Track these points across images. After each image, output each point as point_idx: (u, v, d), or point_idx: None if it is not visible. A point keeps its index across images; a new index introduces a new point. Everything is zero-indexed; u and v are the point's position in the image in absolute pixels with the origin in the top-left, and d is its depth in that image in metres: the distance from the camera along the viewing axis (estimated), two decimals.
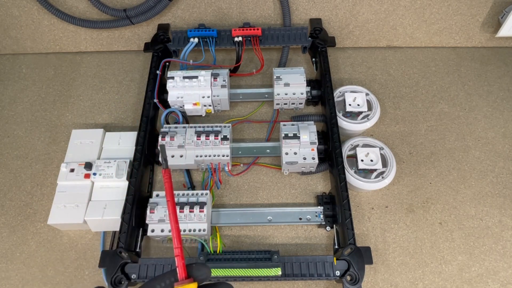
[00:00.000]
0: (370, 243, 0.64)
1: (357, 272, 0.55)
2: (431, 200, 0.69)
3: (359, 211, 0.68)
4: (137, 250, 0.60)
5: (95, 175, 0.65)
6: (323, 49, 0.79)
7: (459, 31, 0.87)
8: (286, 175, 0.71)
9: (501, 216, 0.67)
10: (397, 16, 0.84)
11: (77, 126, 0.79)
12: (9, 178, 0.73)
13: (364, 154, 0.68)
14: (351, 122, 0.71)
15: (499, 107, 0.80)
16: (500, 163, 0.73)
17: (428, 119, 0.78)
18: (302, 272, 0.56)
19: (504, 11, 0.81)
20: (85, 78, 0.86)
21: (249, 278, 0.56)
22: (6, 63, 0.90)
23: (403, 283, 0.61)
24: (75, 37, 0.88)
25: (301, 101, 0.74)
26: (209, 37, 0.79)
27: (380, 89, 0.83)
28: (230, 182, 0.71)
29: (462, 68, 0.86)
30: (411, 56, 0.88)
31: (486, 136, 0.76)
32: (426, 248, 0.64)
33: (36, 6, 0.82)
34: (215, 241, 0.61)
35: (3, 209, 0.69)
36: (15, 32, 0.87)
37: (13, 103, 0.83)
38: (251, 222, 0.64)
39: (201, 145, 0.65)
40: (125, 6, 0.81)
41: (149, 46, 0.82)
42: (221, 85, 0.72)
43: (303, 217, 0.64)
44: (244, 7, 0.83)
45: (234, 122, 0.77)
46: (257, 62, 0.85)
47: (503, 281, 0.61)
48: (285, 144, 0.65)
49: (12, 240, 0.66)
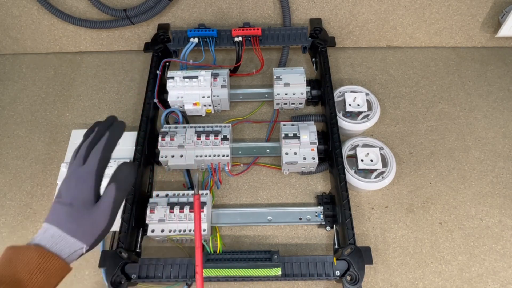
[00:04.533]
0: (370, 243, 0.64)
1: (357, 272, 0.55)
2: (431, 200, 0.69)
3: (359, 211, 0.68)
4: (137, 250, 0.60)
5: None
6: (323, 49, 0.79)
7: (459, 31, 0.87)
8: (286, 175, 0.71)
9: (501, 216, 0.67)
10: (397, 16, 0.84)
11: (77, 126, 0.79)
12: (9, 178, 0.73)
13: (364, 154, 0.68)
14: (351, 122, 0.71)
15: (499, 107, 0.80)
16: (500, 163, 0.73)
17: (428, 119, 0.78)
18: (302, 272, 0.56)
19: (504, 11, 0.81)
20: (85, 78, 0.86)
21: (249, 278, 0.56)
22: (6, 63, 0.90)
23: (403, 283, 0.61)
24: (75, 37, 0.88)
25: (301, 101, 0.74)
26: (209, 37, 0.79)
27: (380, 89, 0.83)
28: (230, 182, 0.71)
29: (462, 68, 0.86)
30: (411, 56, 0.88)
31: (486, 136, 0.76)
32: (426, 248, 0.64)
33: (36, 6, 0.82)
34: (215, 241, 0.61)
35: (3, 209, 0.69)
36: (15, 32, 0.87)
37: (13, 103, 0.83)
38: (251, 222, 0.64)
39: (201, 145, 0.65)
40: (125, 6, 0.81)
41: (149, 46, 0.82)
42: (221, 85, 0.72)
43: (303, 217, 0.64)
44: (244, 7, 0.83)
45: (234, 122, 0.77)
46: (257, 62, 0.86)
47: (503, 281, 0.61)
48: (285, 144, 0.65)
49: (12, 240, 0.66)
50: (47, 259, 0.38)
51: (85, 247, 0.40)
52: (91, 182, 0.41)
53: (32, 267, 0.37)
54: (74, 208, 0.40)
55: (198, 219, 0.53)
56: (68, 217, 0.40)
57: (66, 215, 0.40)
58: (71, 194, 0.41)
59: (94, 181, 0.41)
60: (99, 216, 0.40)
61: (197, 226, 0.53)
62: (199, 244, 0.52)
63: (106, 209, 0.41)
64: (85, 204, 0.40)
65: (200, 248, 0.51)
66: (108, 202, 0.41)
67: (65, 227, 0.39)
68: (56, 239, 0.39)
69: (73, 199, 0.40)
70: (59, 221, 0.40)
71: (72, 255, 0.40)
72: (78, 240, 0.39)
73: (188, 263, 0.57)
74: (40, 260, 0.37)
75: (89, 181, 0.41)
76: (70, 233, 0.39)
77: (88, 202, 0.40)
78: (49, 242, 0.39)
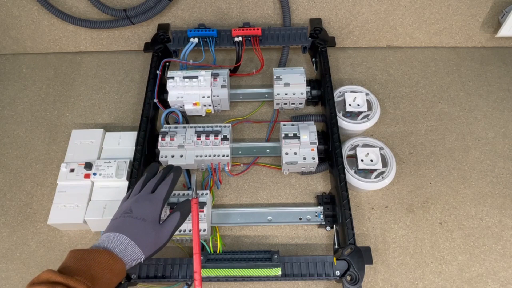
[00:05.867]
0: (370, 243, 0.64)
1: (357, 272, 0.55)
2: (431, 200, 0.69)
3: (359, 211, 0.68)
4: None
5: (95, 175, 0.65)
6: (323, 49, 0.79)
7: (459, 31, 0.87)
8: (286, 175, 0.71)
9: (501, 216, 0.67)
10: (397, 16, 0.84)
11: (77, 126, 0.79)
12: (9, 178, 0.73)
13: (364, 154, 0.68)
14: (351, 122, 0.71)
15: (499, 107, 0.80)
16: (500, 163, 0.73)
17: (428, 119, 0.78)
18: (302, 272, 0.56)
19: (504, 11, 0.81)
20: (85, 78, 0.86)
21: (249, 278, 0.56)
22: (6, 63, 0.90)
23: (403, 283, 0.61)
24: (75, 37, 0.88)
25: (301, 101, 0.74)
26: (209, 37, 0.79)
27: (380, 89, 0.83)
28: (230, 182, 0.71)
29: (462, 68, 0.86)
30: (411, 56, 0.88)
31: (486, 136, 0.76)
32: (426, 248, 0.64)
33: (36, 6, 0.82)
34: (215, 241, 0.61)
35: (3, 209, 0.69)
36: (15, 32, 0.87)
37: (13, 103, 0.83)
38: (251, 222, 0.64)
39: (201, 145, 0.65)
40: (125, 6, 0.81)
41: (149, 46, 0.82)
42: (221, 85, 0.72)
43: (303, 217, 0.64)
44: (244, 7, 0.83)
45: (234, 122, 0.77)
46: (257, 62, 0.86)
47: (503, 281, 0.61)
48: (285, 144, 0.65)
49: (12, 240, 0.66)
50: (115, 261, 0.44)
51: (143, 257, 0.47)
52: (159, 206, 0.51)
53: (103, 266, 0.42)
54: (147, 223, 0.48)
55: (196, 223, 0.52)
56: (138, 230, 0.47)
57: (137, 227, 0.47)
58: (144, 212, 0.49)
59: (161, 206, 0.51)
60: (162, 234, 0.49)
61: (195, 231, 0.51)
62: (197, 250, 0.50)
63: (169, 230, 0.50)
64: (154, 222, 0.49)
65: (198, 254, 0.50)
66: (172, 225, 0.50)
67: (133, 237, 0.46)
68: (125, 246, 0.46)
69: (146, 216, 0.49)
70: (129, 231, 0.47)
71: (131, 262, 0.46)
72: (141, 250, 0.46)
73: (188, 263, 0.57)
74: (110, 261, 0.43)
75: (158, 205, 0.50)
76: (137, 243, 0.46)
77: (156, 221, 0.49)
78: (117, 247, 0.45)
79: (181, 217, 0.51)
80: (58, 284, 0.38)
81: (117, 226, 0.48)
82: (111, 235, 0.46)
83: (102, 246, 0.45)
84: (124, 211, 0.49)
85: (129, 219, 0.48)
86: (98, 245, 0.45)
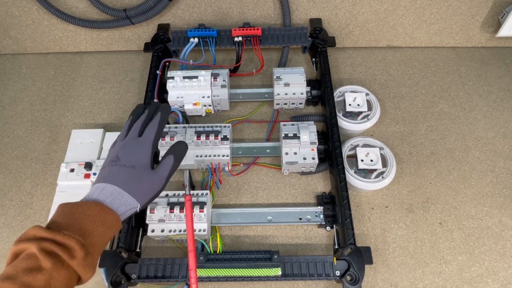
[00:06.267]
0: (370, 243, 0.64)
1: (357, 272, 0.55)
2: (431, 200, 0.69)
3: (359, 211, 0.68)
4: (137, 250, 0.60)
5: (95, 175, 0.65)
6: (323, 49, 0.79)
7: (459, 31, 0.87)
8: (286, 175, 0.71)
9: (501, 216, 0.67)
10: (397, 16, 0.84)
11: (77, 126, 0.79)
12: (9, 178, 0.73)
13: (364, 154, 0.68)
14: (351, 122, 0.71)
15: (499, 107, 0.80)
16: (500, 163, 0.73)
17: (428, 119, 0.78)
18: (302, 272, 0.56)
19: (504, 11, 0.81)
20: (85, 78, 0.86)
21: (249, 278, 0.56)
22: (6, 63, 0.90)
23: (403, 283, 0.61)
24: (75, 37, 0.88)
25: (301, 101, 0.74)
26: (209, 37, 0.79)
27: (380, 89, 0.83)
28: (230, 182, 0.71)
29: (462, 68, 0.86)
30: (411, 56, 0.88)
31: (486, 136, 0.76)
32: (426, 248, 0.64)
33: (36, 6, 0.82)
34: (215, 241, 0.61)
35: (3, 209, 0.69)
36: (15, 32, 0.87)
37: (13, 103, 0.83)
38: (251, 222, 0.64)
39: (201, 145, 0.65)
40: (125, 6, 0.81)
41: (149, 46, 0.82)
42: (221, 85, 0.72)
43: (303, 217, 0.64)
44: (244, 7, 0.83)
45: (234, 122, 0.77)
46: (257, 62, 0.86)
47: (503, 281, 0.61)
48: (285, 144, 0.65)
49: (12, 240, 0.66)
50: (107, 213, 0.41)
51: (139, 206, 0.44)
52: (149, 150, 0.47)
53: (94, 219, 0.40)
54: (136, 170, 0.45)
55: (190, 220, 0.51)
56: (129, 178, 0.44)
57: (127, 176, 0.44)
58: (132, 159, 0.46)
59: (151, 149, 0.47)
60: (156, 180, 0.46)
61: (189, 228, 0.50)
62: (192, 248, 0.49)
63: (163, 174, 0.47)
64: (145, 168, 0.46)
65: (193, 251, 0.49)
66: (166, 169, 0.47)
67: (124, 186, 0.43)
68: (115, 196, 0.43)
69: (135, 162, 0.46)
70: (118, 180, 0.44)
71: (126, 213, 0.43)
72: (135, 199, 0.44)
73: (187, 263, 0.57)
74: (101, 214, 0.41)
75: (147, 150, 0.47)
76: (129, 192, 0.43)
77: (147, 166, 0.46)
78: (108, 198, 0.42)
79: (175, 160, 0.48)
80: (45, 240, 0.37)
81: (105, 176, 0.45)
82: (100, 186, 0.43)
83: (91, 199, 0.42)
84: (111, 159, 0.46)
85: (117, 167, 0.45)
86: (87, 198, 0.43)
